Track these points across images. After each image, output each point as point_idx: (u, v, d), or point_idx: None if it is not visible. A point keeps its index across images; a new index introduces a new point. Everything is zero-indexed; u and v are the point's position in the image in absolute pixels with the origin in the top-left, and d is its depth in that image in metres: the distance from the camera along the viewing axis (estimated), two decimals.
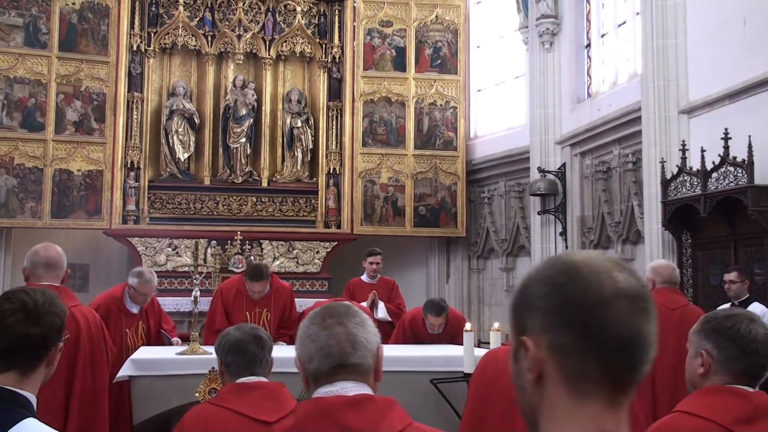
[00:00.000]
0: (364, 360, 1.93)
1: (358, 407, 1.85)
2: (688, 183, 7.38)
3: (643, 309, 1.14)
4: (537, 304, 1.17)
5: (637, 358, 1.13)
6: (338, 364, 1.91)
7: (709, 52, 7.83)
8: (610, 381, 1.12)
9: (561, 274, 1.18)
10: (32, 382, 2.22)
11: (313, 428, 1.83)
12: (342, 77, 12.22)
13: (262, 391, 3.12)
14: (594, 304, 1.12)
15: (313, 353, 1.92)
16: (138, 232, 11.40)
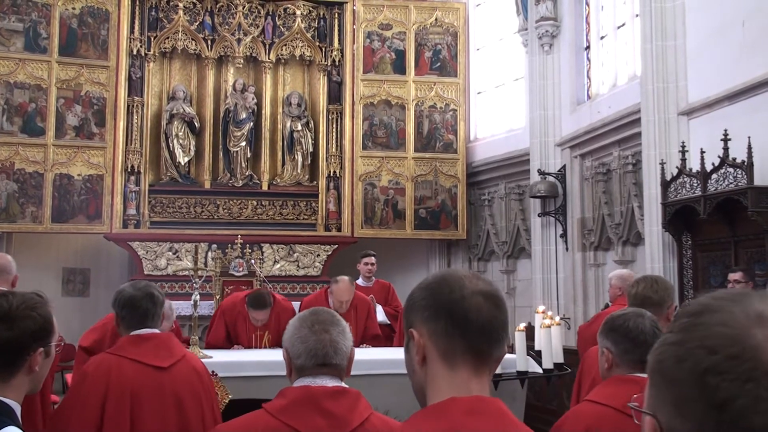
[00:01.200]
0: (341, 362, 2.38)
1: (337, 397, 2.31)
2: (688, 184, 7.38)
3: (495, 303, 1.55)
4: (419, 305, 1.56)
5: (491, 337, 1.52)
6: (321, 363, 2.35)
7: (708, 53, 7.83)
8: (473, 355, 1.50)
9: (434, 282, 1.59)
10: (13, 389, 2.15)
11: (301, 410, 2.27)
12: (342, 80, 12.23)
13: (155, 341, 3.52)
14: (456, 300, 1.52)
15: (301, 352, 2.35)
16: (138, 237, 11.40)
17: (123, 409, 3.37)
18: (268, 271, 11.35)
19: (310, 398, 2.28)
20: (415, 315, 1.56)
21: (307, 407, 2.26)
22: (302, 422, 2.24)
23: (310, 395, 2.29)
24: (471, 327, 1.50)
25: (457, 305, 1.51)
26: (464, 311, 1.50)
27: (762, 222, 6.51)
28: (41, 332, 2.22)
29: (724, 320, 0.84)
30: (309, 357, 2.35)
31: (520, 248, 11.93)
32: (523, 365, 4.77)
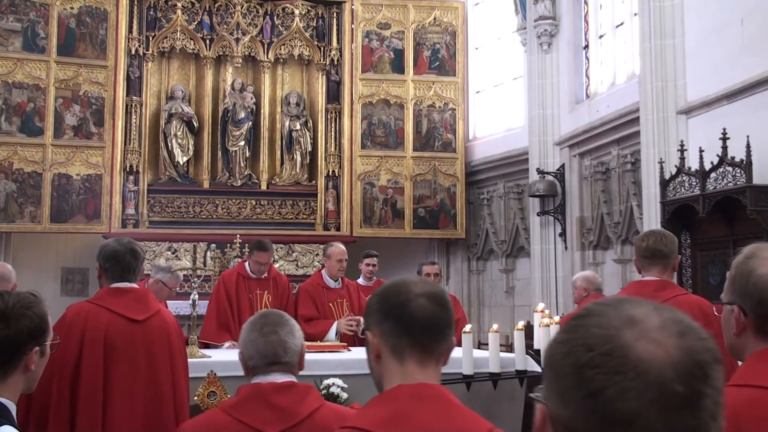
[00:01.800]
0: (291, 359, 2.59)
1: (285, 391, 2.51)
2: (686, 183, 7.37)
3: (437, 303, 1.76)
4: (372, 309, 1.80)
5: (434, 334, 1.75)
6: (272, 362, 2.56)
7: (707, 52, 7.83)
8: (418, 350, 1.73)
9: (385, 288, 1.82)
10: (9, 389, 2.16)
11: (251, 405, 2.48)
12: (340, 80, 12.23)
13: (133, 294, 3.77)
14: (402, 303, 1.74)
15: (252, 353, 2.57)
16: (137, 236, 11.32)
17: (97, 355, 3.59)
18: None
19: (259, 394, 2.51)
20: (370, 318, 1.81)
21: (255, 402, 2.49)
22: (251, 416, 2.46)
23: (258, 391, 2.52)
24: (415, 326, 1.73)
25: (402, 308, 1.74)
26: (409, 312, 1.73)
27: (761, 221, 6.51)
28: (37, 331, 2.22)
29: (601, 323, 0.97)
30: (260, 357, 2.56)
31: (519, 247, 11.93)
32: (521, 364, 4.76)
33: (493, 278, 12.47)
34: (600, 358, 0.93)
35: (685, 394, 0.92)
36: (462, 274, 12.76)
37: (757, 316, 1.83)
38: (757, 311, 1.83)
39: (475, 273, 12.71)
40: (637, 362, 0.92)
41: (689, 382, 0.92)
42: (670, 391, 0.91)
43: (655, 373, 0.91)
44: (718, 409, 0.94)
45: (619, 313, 0.98)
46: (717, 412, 0.93)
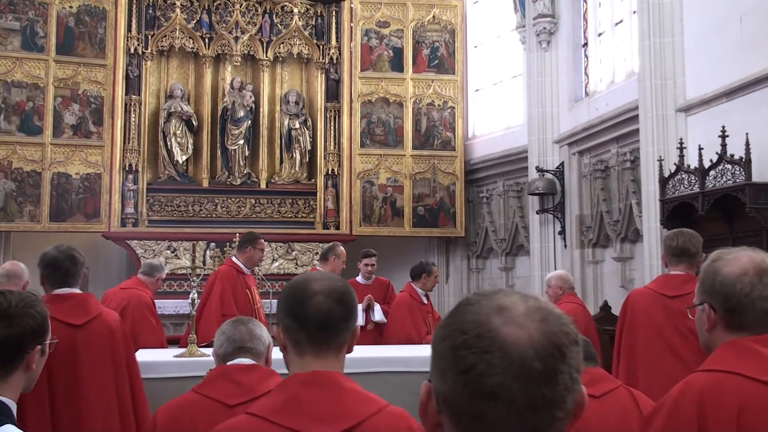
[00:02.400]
0: (256, 346, 2.90)
1: (248, 371, 2.81)
2: (686, 181, 7.36)
3: (335, 299, 1.92)
4: (279, 306, 1.98)
5: (330, 328, 1.91)
6: (239, 347, 2.89)
7: (706, 50, 7.83)
8: (314, 343, 1.92)
9: (290, 286, 1.99)
10: (10, 387, 2.16)
11: (216, 384, 2.80)
12: (340, 78, 12.22)
13: (72, 300, 3.92)
14: (301, 300, 1.92)
15: (222, 341, 2.94)
16: (137, 235, 11.40)
17: None
18: (266, 269, 11.33)
19: (224, 373, 2.84)
20: (278, 314, 2.00)
21: (220, 379, 2.81)
22: (215, 391, 2.76)
23: (224, 370, 2.85)
24: (311, 322, 1.91)
25: (300, 306, 1.92)
26: (305, 310, 1.91)
27: (760, 218, 6.50)
28: (40, 330, 2.23)
29: (475, 310, 1.11)
30: (229, 343, 2.90)
31: (518, 245, 11.93)
32: None
33: (493, 276, 12.47)
34: (472, 339, 1.08)
35: (543, 370, 1.06)
36: (461, 273, 12.76)
37: (724, 311, 2.02)
38: (724, 307, 2.02)
39: (475, 271, 12.71)
40: (503, 343, 1.07)
41: (547, 360, 1.06)
42: (530, 367, 1.05)
43: (517, 353, 1.06)
44: (574, 384, 1.09)
45: (491, 302, 1.12)
46: (572, 385, 1.08)
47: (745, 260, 2.03)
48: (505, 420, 1.06)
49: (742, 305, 2.00)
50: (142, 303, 6.85)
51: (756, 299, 1.98)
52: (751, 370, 1.92)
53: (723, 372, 1.96)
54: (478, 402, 1.06)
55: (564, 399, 1.07)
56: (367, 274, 8.03)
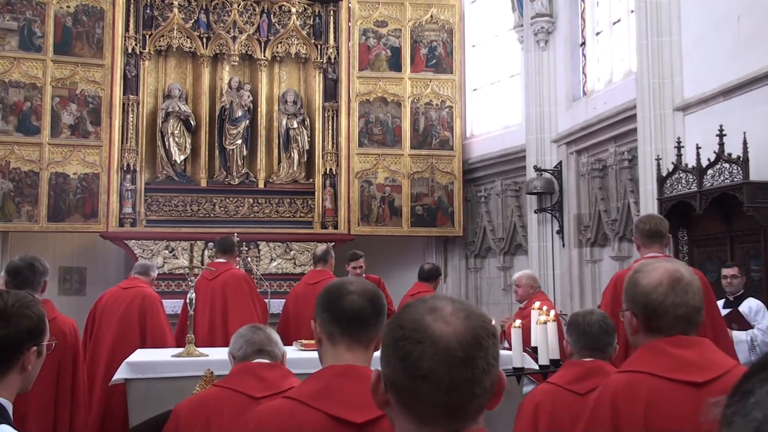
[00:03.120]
0: (274, 350, 3.13)
1: (271, 368, 3.02)
2: (683, 180, 7.37)
3: (367, 299, 2.13)
4: (318, 302, 2.19)
5: (361, 324, 2.11)
6: (258, 350, 3.10)
7: (703, 49, 7.84)
8: (347, 337, 2.11)
9: (328, 286, 2.22)
10: (6, 388, 2.15)
11: (241, 378, 2.98)
12: (337, 78, 12.22)
13: None
14: (335, 297, 2.14)
15: (242, 345, 3.14)
16: (135, 235, 11.39)
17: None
18: (264, 269, 11.35)
19: (248, 369, 3.02)
20: (316, 310, 2.19)
21: (245, 375, 2.99)
22: (240, 385, 2.95)
23: (248, 367, 3.03)
24: (344, 317, 2.11)
25: (336, 302, 2.13)
26: (341, 306, 2.11)
27: (758, 217, 6.51)
28: (36, 331, 2.22)
29: (412, 311, 1.40)
30: (248, 346, 3.10)
31: (516, 245, 11.94)
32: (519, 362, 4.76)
33: (491, 276, 12.48)
34: (409, 333, 1.37)
35: (464, 357, 1.33)
36: (460, 272, 12.76)
37: (644, 317, 2.30)
38: (644, 313, 2.29)
39: (473, 271, 12.71)
40: (433, 336, 1.35)
41: (467, 349, 1.34)
42: (454, 354, 1.33)
43: (444, 343, 1.34)
44: (490, 368, 1.36)
45: (425, 305, 1.41)
46: (488, 369, 1.36)
47: (661, 272, 2.30)
48: (435, 396, 1.33)
49: (657, 312, 2.26)
50: (156, 301, 6.88)
51: (669, 306, 2.24)
52: (660, 368, 2.19)
53: (636, 372, 2.25)
54: (414, 382, 1.34)
55: (482, 379, 1.35)
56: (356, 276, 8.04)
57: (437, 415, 1.35)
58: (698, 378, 2.15)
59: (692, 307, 2.26)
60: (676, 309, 2.25)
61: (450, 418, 1.35)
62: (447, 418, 1.35)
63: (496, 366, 1.39)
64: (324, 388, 2.04)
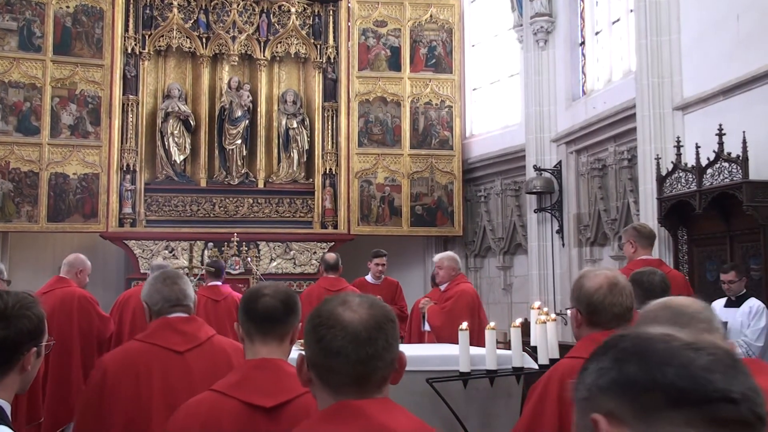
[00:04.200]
0: (189, 303, 3.30)
1: (188, 322, 3.25)
2: (683, 179, 7.37)
3: (279, 299, 2.48)
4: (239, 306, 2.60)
5: (273, 321, 2.45)
6: (175, 304, 3.23)
7: (703, 48, 7.84)
8: (262, 333, 2.46)
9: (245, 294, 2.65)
10: (5, 389, 2.14)
11: (162, 332, 3.16)
12: (337, 78, 12.22)
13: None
14: (251, 300, 2.50)
15: (158, 299, 3.23)
16: (135, 235, 11.40)
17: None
18: (264, 269, 11.35)
19: (168, 324, 3.19)
20: (238, 314, 2.54)
21: (166, 330, 3.18)
22: (163, 340, 3.14)
23: (167, 322, 3.20)
24: (258, 316, 2.45)
25: (251, 304, 2.48)
26: (255, 307, 2.46)
27: (757, 216, 6.51)
28: (36, 331, 2.21)
29: (327, 305, 1.78)
30: (165, 301, 3.23)
31: (516, 244, 11.94)
32: (518, 361, 4.77)
33: (491, 275, 12.48)
34: (324, 320, 1.73)
35: (368, 336, 1.70)
36: None
37: (587, 313, 2.74)
38: (587, 311, 2.74)
39: (473, 270, 12.71)
40: (343, 322, 1.71)
41: (370, 331, 1.71)
42: (360, 335, 1.70)
43: (352, 328, 1.71)
44: (389, 346, 1.73)
45: (338, 299, 1.78)
46: (388, 347, 1.73)
47: (602, 277, 2.74)
48: (345, 369, 1.69)
49: (597, 309, 2.70)
50: None
51: (607, 305, 2.69)
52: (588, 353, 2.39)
53: (578, 358, 2.55)
54: (328, 358, 1.70)
55: (382, 355, 1.71)
56: (377, 274, 8.05)
57: (348, 385, 1.69)
58: None
59: (626, 307, 2.71)
60: (612, 308, 2.69)
61: (358, 387, 1.69)
62: (356, 387, 1.69)
63: (396, 345, 1.75)
64: (240, 380, 2.36)
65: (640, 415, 1.00)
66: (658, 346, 1.04)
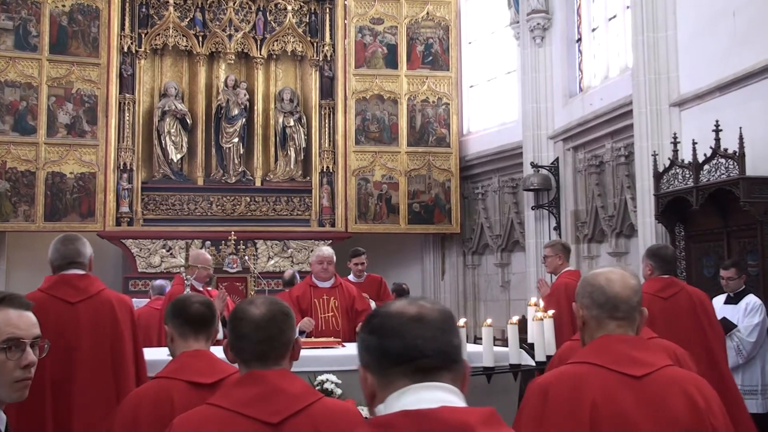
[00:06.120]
0: (84, 261, 3.99)
1: (82, 279, 3.97)
2: (680, 176, 7.38)
3: (205, 305, 3.02)
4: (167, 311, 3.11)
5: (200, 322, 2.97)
6: (70, 262, 3.96)
7: (699, 44, 7.83)
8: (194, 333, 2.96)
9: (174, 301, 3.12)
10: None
11: (57, 288, 3.89)
12: (334, 75, 12.21)
13: None
14: (184, 306, 3.00)
15: (56, 257, 3.97)
16: (132, 234, 11.39)
17: None
18: (262, 267, 11.35)
19: (64, 279, 3.93)
20: (166, 317, 3.04)
21: (62, 284, 3.92)
22: (60, 292, 3.84)
23: (64, 278, 3.94)
24: (192, 320, 2.95)
25: (185, 310, 2.98)
26: (185, 312, 2.97)
27: (754, 212, 6.51)
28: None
29: (241, 305, 2.40)
30: (62, 259, 3.95)
31: (514, 241, 11.94)
32: (515, 358, 4.76)
33: (489, 272, 12.48)
34: (237, 314, 2.33)
35: (266, 326, 2.28)
36: (457, 269, 12.77)
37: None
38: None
39: (471, 267, 12.72)
40: (249, 315, 2.30)
41: (268, 320, 2.29)
42: (259, 324, 2.28)
43: (255, 320, 2.29)
44: (281, 332, 2.31)
45: (249, 300, 2.40)
46: (280, 332, 2.30)
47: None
48: (251, 347, 2.28)
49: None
50: None
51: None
52: None
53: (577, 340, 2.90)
54: (239, 341, 2.30)
55: (276, 337, 2.29)
56: (357, 273, 8.01)
57: (254, 360, 2.28)
58: None
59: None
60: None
61: (260, 362, 2.27)
62: (259, 361, 2.27)
63: (288, 332, 2.33)
64: (181, 366, 2.84)
65: (379, 369, 1.55)
66: (392, 322, 1.55)
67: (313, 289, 6.62)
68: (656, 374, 2.30)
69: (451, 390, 1.52)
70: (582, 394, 2.27)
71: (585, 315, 2.48)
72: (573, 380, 2.33)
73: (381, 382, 1.54)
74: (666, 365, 2.34)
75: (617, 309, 2.41)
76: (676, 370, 2.38)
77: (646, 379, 2.27)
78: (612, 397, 2.25)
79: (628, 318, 2.42)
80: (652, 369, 2.30)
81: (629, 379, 2.27)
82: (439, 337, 1.53)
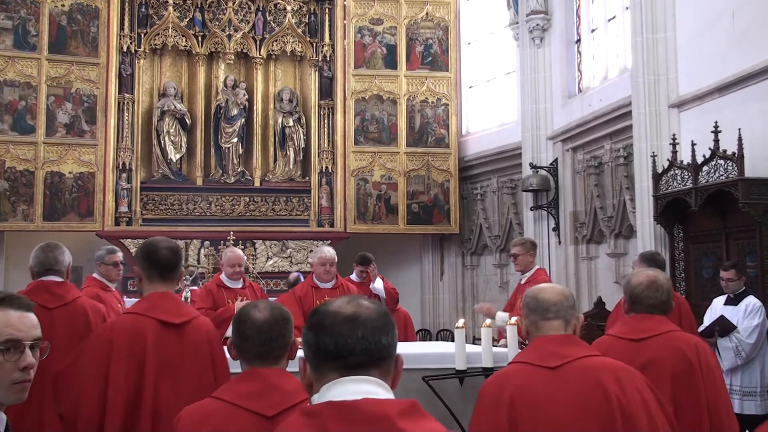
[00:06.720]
0: (62, 268, 4.23)
1: (59, 286, 4.19)
2: (679, 177, 7.38)
3: (172, 251, 3.37)
4: (137, 254, 3.46)
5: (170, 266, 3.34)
6: (48, 269, 4.18)
7: (698, 45, 7.84)
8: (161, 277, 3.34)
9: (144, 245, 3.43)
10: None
11: (36, 293, 3.92)
12: (333, 76, 12.21)
13: None
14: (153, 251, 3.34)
15: (36, 264, 4.19)
16: (131, 234, 11.38)
17: None
18: (261, 267, 11.36)
19: (43, 286, 4.15)
20: (135, 259, 3.39)
21: (41, 290, 4.09)
22: (38, 297, 3.76)
23: (42, 284, 4.16)
24: (160, 264, 3.28)
25: (154, 254, 3.28)
26: (153, 256, 3.28)
27: (753, 213, 6.52)
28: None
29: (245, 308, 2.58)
30: (41, 265, 4.19)
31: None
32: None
33: (487, 273, 12.48)
34: (241, 318, 2.52)
35: (267, 329, 2.48)
36: (456, 270, 12.77)
37: (628, 302, 3.43)
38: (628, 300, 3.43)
39: (469, 268, 12.72)
40: (252, 318, 2.50)
41: (270, 324, 2.49)
42: (261, 327, 2.48)
43: (258, 323, 2.49)
44: (281, 336, 2.50)
45: (252, 305, 2.57)
46: (280, 336, 2.50)
47: (644, 276, 3.41)
48: (253, 348, 2.48)
49: (638, 299, 3.37)
50: None
51: (644, 297, 3.34)
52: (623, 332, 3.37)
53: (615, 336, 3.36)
54: (243, 341, 2.50)
55: (277, 340, 2.49)
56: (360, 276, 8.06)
57: (255, 359, 2.48)
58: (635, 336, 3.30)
59: (660, 300, 3.35)
60: (647, 299, 3.34)
61: (261, 361, 2.47)
62: (259, 360, 2.48)
63: (287, 335, 2.52)
64: (152, 305, 3.14)
65: (314, 363, 1.68)
66: (327, 321, 1.67)
67: (314, 290, 6.63)
68: (571, 364, 2.58)
69: (377, 383, 1.64)
70: (503, 390, 2.59)
71: (526, 323, 2.81)
72: (500, 378, 2.70)
73: (316, 375, 1.68)
74: (585, 356, 2.63)
75: (548, 311, 2.72)
76: (596, 360, 2.64)
77: (560, 369, 2.57)
78: (527, 388, 2.57)
79: (559, 318, 2.71)
80: (567, 360, 2.58)
81: (545, 370, 2.58)
82: (369, 337, 1.65)
